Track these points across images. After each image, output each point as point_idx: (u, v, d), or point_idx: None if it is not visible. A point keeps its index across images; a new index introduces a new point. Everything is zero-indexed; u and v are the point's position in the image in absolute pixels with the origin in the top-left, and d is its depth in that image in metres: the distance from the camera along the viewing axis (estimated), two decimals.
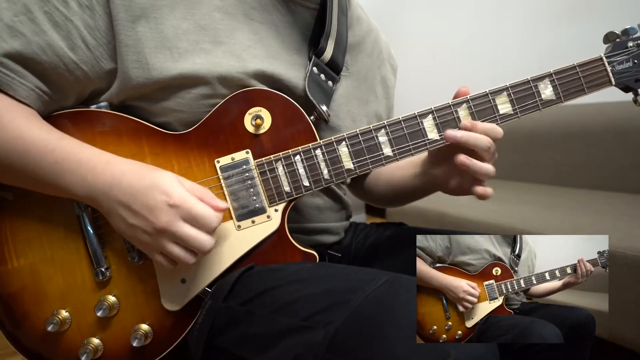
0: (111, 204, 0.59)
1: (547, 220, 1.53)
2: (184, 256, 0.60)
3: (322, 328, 0.51)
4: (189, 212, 0.58)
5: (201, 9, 0.67)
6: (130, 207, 0.58)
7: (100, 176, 0.60)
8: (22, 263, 0.66)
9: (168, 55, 0.65)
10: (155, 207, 0.58)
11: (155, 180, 0.59)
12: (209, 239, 0.60)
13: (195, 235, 0.58)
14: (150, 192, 0.58)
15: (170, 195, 0.58)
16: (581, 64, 0.71)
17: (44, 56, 0.62)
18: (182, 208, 0.58)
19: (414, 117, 0.70)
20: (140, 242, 0.61)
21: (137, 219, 0.58)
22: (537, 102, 0.70)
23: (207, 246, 0.60)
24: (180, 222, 0.58)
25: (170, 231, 0.58)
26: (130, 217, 0.59)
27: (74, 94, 0.67)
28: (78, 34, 0.62)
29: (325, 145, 0.69)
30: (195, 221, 0.59)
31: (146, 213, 0.58)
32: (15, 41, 0.60)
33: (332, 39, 0.76)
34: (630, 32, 0.71)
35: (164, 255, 0.61)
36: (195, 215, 0.58)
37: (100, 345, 0.66)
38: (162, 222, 0.57)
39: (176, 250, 0.59)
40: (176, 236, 0.58)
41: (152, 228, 0.58)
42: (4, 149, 0.60)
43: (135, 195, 0.58)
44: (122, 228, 0.60)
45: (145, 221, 0.58)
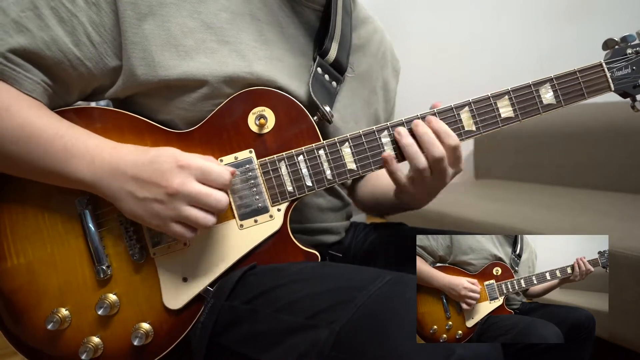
0: (118, 182, 0.59)
1: (547, 220, 1.53)
2: (202, 217, 0.58)
3: (327, 326, 0.52)
4: (199, 168, 0.58)
5: (208, 8, 0.67)
6: (139, 177, 0.58)
7: (106, 159, 0.60)
8: (22, 261, 0.66)
9: (174, 53, 0.65)
10: (165, 171, 0.57)
11: (159, 150, 0.60)
12: (224, 195, 0.59)
13: (209, 191, 0.58)
14: (158, 159, 0.58)
15: (178, 158, 0.58)
16: (581, 69, 0.72)
17: (48, 51, 0.62)
18: (191, 167, 0.58)
19: (417, 119, 0.70)
20: (154, 215, 0.59)
21: (148, 189, 0.58)
22: (538, 107, 0.71)
23: (223, 201, 0.59)
24: (192, 181, 0.58)
25: (183, 192, 0.57)
26: (139, 190, 0.58)
27: (77, 89, 0.67)
28: (83, 30, 0.63)
29: (328, 145, 0.69)
30: (208, 177, 0.58)
31: (156, 179, 0.57)
32: (20, 36, 0.60)
33: (337, 40, 0.77)
34: (629, 40, 0.73)
35: (181, 224, 0.59)
36: (207, 171, 0.58)
37: (101, 344, 0.65)
38: (174, 184, 0.57)
39: (194, 212, 0.58)
40: (191, 196, 0.57)
41: (164, 194, 0.57)
42: (13, 136, 0.60)
43: (142, 166, 0.58)
44: (132, 206, 0.59)
45: (156, 188, 0.57)
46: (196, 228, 0.60)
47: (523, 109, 0.71)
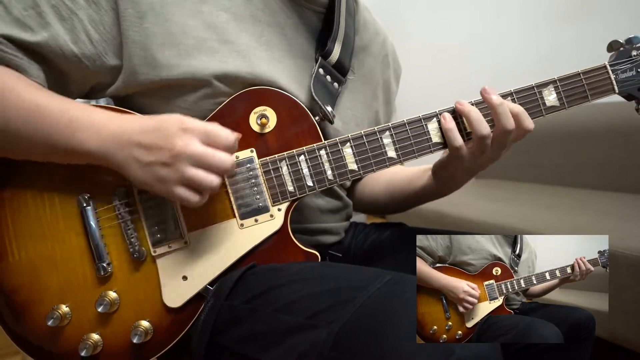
0: (125, 149, 0.59)
1: (547, 220, 1.53)
2: (205, 177, 0.58)
3: (327, 326, 0.52)
4: (203, 130, 0.58)
5: (209, 8, 0.67)
6: (145, 143, 0.58)
7: (113, 130, 0.60)
8: (23, 257, 0.66)
9: (174, 52, 0.65)
10: (169, 134, 0.58)
11: (164, 115, 0.60)
12: (228, 156, 0.59)
13: (213, 152, 0.58)
14: (162, 123, 0.59)
15: (182, 121, 0.58)
16: (585, 72, 0.71)
17: (47, 47, 0.62)
18: (195, 129, 0.58)
19: (419, 120, 0.70)
20: (160, 180, 0.59)
21: (153, 153, 0.58)
22: (541, 108, 0.71)
23: (227, 162, 0.59)
24: (196, 142, 0.58)
25: (187, 152, 0.57)
26: (145, 155, 0.58)
27: (73, 85, 0.68)
28: (82, 27, 0.63)
29: (329, 146, 0.69)
30: (212, 139, 0.59)
31: (162, 142, 0.58)
32: (21, 33, 0.61)
33: (340, 41, 0.77)
34: (634, 41, 0.72)
35: (186, 187, 0.59)
36: (210, 132, 0.58)
37: (100, 340, 0.65)
38: (178, 145, 0.57)
39: (199, 172, 0.58)
40: (194, 156, 0.57)
41: (169, 155, 0.57)
42: (19, 115, 0.60)
43: (147, 132, 0.59)
44: (139, 173, 0.59)
45: (161, 151, 0.57)
46: (201, 191, 0.60)
47: (526, 110, 0.70)
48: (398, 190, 0.90)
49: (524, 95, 0.70)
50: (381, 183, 0.94)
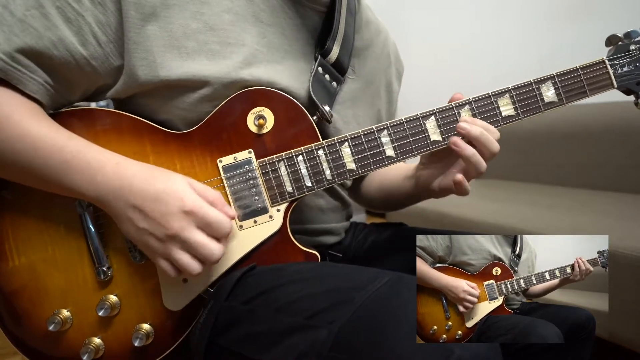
0: (121, 206, 0.59)
1: (547, 220, 1.54)
2: (191, 265, 0.59)
3: (326, 327, 0.52)
4: (203, 218, 0.58)
5: (211, 10, 0.67)
6: (142, 210, 0.58)
7: (109, 177, 0.59)
8: (23, 262, 0.66)
9: (176, 55, 0.65)
10: (168, 213, 0.57)
11: (167, 184, 0.59)
12: (220, 248, 0.60)
13: (206, 243, 0.58)
14: (163, 197, 0.58)
15: (184, 202, 0.58)
16: (583, 67, 0.71)
17: (55, 51, 0.62)
18: (196, 214, 0.58)
19: (417, 119, 0.70)
20: (148, 247, 0.60)
21: (148, 223, 0.58)
22: (539, 104, 0.71)
23: (217, 254, 0.59)
24: (193, 228, 0.58)
25: (181, 237, 0.57)
26: (140, 220, 0.58)
27: (81, 88, 0.67)
28: (89, 29, 0.63)
29: (327, 145, 0.69)
30: (209, 228, 0.58)
31: (158, 218, 0.57)
32: (26, 35, 0.60)
33: (339, 40, 0.76)
34: (632, 36, 0.72)
35: (169, 262, 0.60)
36: (210, 222, 0.58)
37: (102, 344, 0.65)
38: (174, 228, 0.57)
39: (185, 258, 0.58)
40: (187, 243, 0.58)
41: (163, 234, 0.57)
42: (13, 147, 0.60)
43: (147, 200, 0.58)
44: (131, 231, 0.60)
45: (156, 226, 0.57)
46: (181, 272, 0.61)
47: (524, 107, 0.70)
48: (389, 193, 0.91)
49: (522, 92, 0.70)
50: (374, 186, 0.95)
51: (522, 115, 0.71)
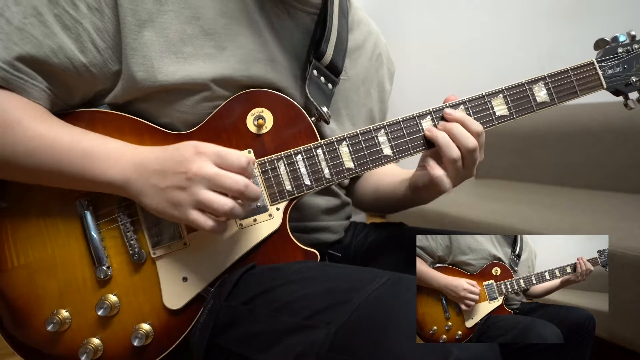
0: (143, 178, 0.60)
1: (547, 220, 1.53)
2: (220, 200, 0.59)
3: (324, 327, 0.52)
4: (217, 153, 0.59)
5: (206, 14, 0.68)
6: (161, 170, 0.59)
7: (129, 159, 0.61)
8: (23, 262, 0.66)
9: (173, 59, 0.65)
10: (185, 159, 0.59)
11: (178, 144, 0.61)
12: (241, 177, 0.60)
13: (226, 173, 0.59)
14: (178, 151, 0.60)
15: (197, 145, 0.60)
16: (573, 68, 0.73)
17: (55, 59, 0.62)
18: (209, 152, 0.59)
19: (413, 118, 0.71)
20: (175, 204, 0.59)
21: (170, 178, 0.59)
22: (532, 104, 0.72)
23: (241, 182, 0.59)
24: (210, 164, 0.59)
25: (201, 174, 0.58)
26: (161, 180, 0.59)
27: (80, 93, 0.67)
28: (88, 36, 0.63)
29: (326, 144, 0.69)
30: (224, 159, 0.59)
31: (177, 167, 0.59)
32: (26, 44, 0.60)
33: (332, 42, 0.77)
34: (619, 39, 0.75)
35: (200, 211, 0.59)
36: (224, 154, 0.59)
37: (101, 345, 0.65)
38: (193, 168, 0.58)
39: (212, 195, 0.58)
40: (207, 178, 0.58)
41: (184, 179, 0.58)
42: (28, 149, 0.60)
43: (164, 160, 0.60)
44: (156, 199, 0.60)
45: (176, 175, 0.59)
46: (217, 217, 0.60)
47: (517, 107, 0.72)
48: (384, 197, 0.92)
49: (514, 92, 0.72)
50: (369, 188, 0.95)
51: (515, 115, 0.72)
